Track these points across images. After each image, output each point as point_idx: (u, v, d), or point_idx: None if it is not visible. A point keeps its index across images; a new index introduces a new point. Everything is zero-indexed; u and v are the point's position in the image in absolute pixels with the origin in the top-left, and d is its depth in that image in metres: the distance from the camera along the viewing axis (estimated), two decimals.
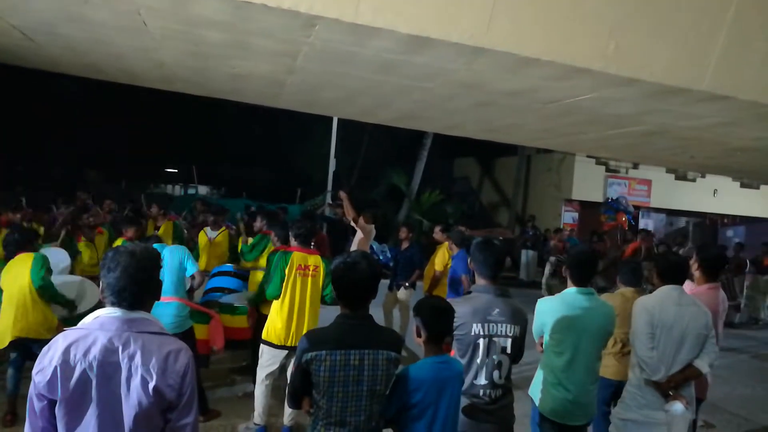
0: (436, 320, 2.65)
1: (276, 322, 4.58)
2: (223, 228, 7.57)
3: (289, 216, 10.92)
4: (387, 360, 2.45)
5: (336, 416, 2.40)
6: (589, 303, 3.38)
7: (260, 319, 4.95)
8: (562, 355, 3.34)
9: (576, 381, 3.32)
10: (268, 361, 4.65)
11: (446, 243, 7.44)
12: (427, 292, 7.19)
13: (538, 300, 3.61)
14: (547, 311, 3.42)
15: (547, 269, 12.13)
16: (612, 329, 3.49)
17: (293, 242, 4.75)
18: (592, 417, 3.48)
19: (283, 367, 4.70)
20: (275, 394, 4.87)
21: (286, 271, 4.55)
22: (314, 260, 4.67)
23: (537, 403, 3.46)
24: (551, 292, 11.94)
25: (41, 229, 7.32)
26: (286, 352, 4.60)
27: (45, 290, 4.60)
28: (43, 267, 4.61)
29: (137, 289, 1.92)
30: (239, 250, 6.92)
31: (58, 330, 4.51)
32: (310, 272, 4.61)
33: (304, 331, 4.48)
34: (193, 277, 4.91)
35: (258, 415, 4.66)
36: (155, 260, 2.03)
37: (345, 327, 2.47)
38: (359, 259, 2.50)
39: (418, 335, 2.66)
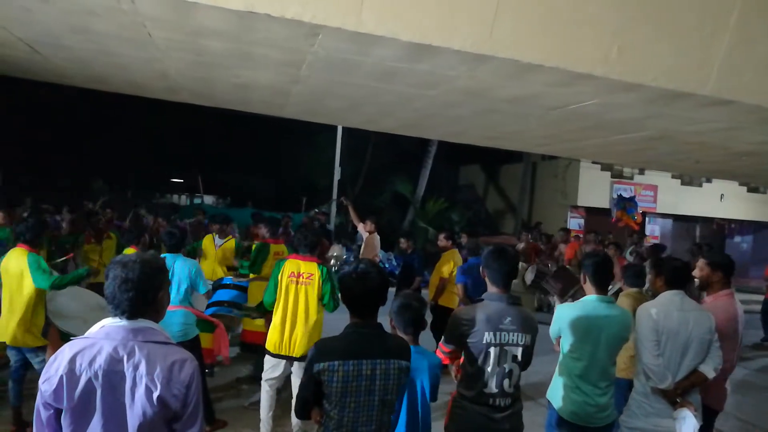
0: (401, 316, 3.01)
1: (272, 330, 4.59)
2: (230, 236, 7.58)
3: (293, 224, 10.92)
4: (398, 369, 2.45)
5: (347, 426, 2.40)
6: (608, 311, 3.40)
7: None
8: (579, 361, 3.37)
9: (592, 384, 3.36)
10: (268, 368, 4.67)
11: (452, 250, 7.42)
12: (433, 300, 7.16)
13: (557, 306, 3.63)
14: (566, 318, 3.43)
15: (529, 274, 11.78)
16: (627, 336, 3.50)
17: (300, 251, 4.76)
18: (614, 418, 3.49)
19: (288, 377, 4.70)
20: (282, 404, 4.87)
21: (279, 278, 4.53)
22: (308, 267, 4.57)
23: (556, 406, 3.47)
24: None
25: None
26: (284, 361, 4.59)
27: (55, 286, 4.47)
28: (40, 269, 4.43)
29: (128, 298, 1.90)
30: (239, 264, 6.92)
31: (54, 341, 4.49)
32: (303, 280, 4.53)
33: (298, 340, 4.49)
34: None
35: (263, 423, 4.66)
36: (150, 271, 1.98)
37: (356, 336, 2.46)
38: (369, 269, 2.51)
39: (393, 326, 3.03)
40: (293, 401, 3.49)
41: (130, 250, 5.75)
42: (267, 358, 4.67)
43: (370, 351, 2.42)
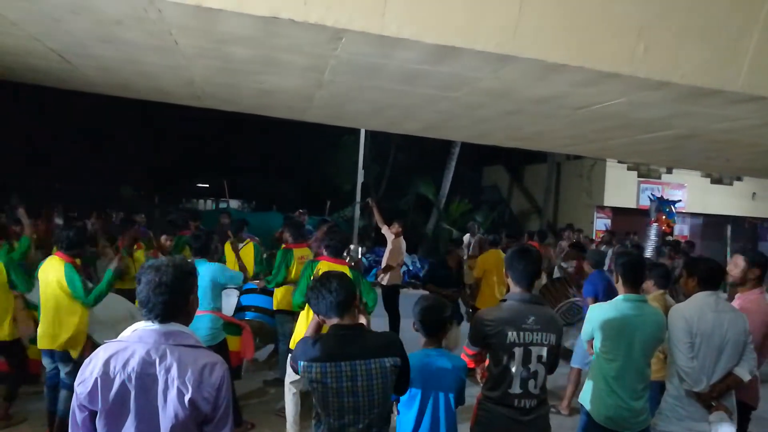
0: (425, 315, 3.00)
1: (301, 331, 4.57)
2: (248, 241, 7.57)
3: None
4: (380, 368, 2.44)
5: (334, 426, 2.41)
6: (639, 310, 3.37)
7: None
8: (613, 362, 3.33)
9: (628, 387, 3.31)
10: (291, 370, 4.63)
11: (488, 251, 7.37)
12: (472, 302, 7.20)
13: (590, 306, 3.61)
14: (598, 318, 3.40)
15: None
16: (662, 336, 3.45)
17: (324, 252, 4.76)
18: (648, 423, 3.43)
19: None
20: (309, 405, 4.87)
21: (313, 279, 4.51)
22: (340, 270, 4.57)
23: (589, 410, 3.42)
24: None
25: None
26: None
27: (95, 299, 4.48)
28: (75, 281, 4.43)
29: (162, 301, 1.94)
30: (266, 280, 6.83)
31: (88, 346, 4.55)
32: None
33: None
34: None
35: (290, 425, 4.66)
36: (182, 275, 2.02)
37: (334, 340, 2.46)
38: (327, 275, 2.62)
39: (416, 329, 3.04)
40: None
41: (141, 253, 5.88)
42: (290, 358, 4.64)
43: (350, 352, 2.41)
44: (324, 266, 4.60)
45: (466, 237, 11.99)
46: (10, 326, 4.87)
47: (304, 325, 4.55)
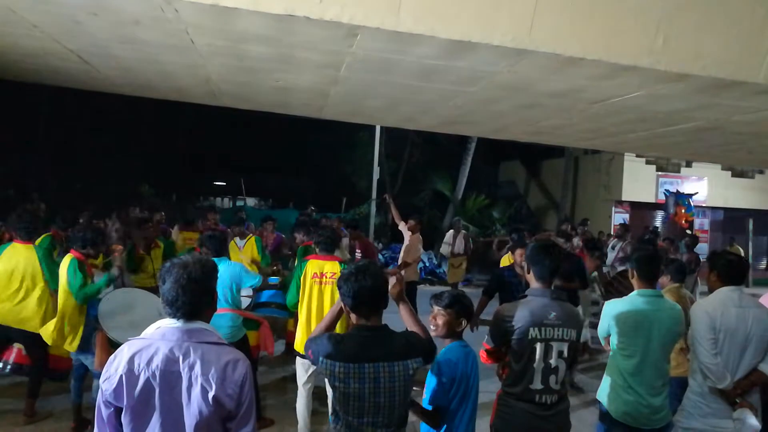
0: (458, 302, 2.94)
1: (299, 331, 4.58)
2: (250, 236, 7.63)
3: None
4: (404, 369, 2.41)
5: (353, 424, 2.39)
6: (656, 305, 3.34)
7: None
8: (630, 358, 3.30)
9: (646, 383, 3.28)
10: (300, 371, 4.67)
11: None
12: None
13: (606, 302, 3.59)
14: (614, 313, 3.37)
15: None
16: (680, 330, 3.41)
17: (315, 250, 4.75)
18: (668, 420, 3.39)
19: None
20: (323, 402, 4.90)
21: (302, 280, 4.54)
22: (331, 267, 4.55)
23: (607, 406, 3.40)
24: None
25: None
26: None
27: (83, 298, 4.54)
28: (77, 274, 4.50)
29: (190, 299, 1.96)
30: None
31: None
32: (327, 279, 4.51)
33: None
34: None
35: (301, 428, 4.67)
36: (209, 271, 2.05)
37: (357, 340, 2.43)
38: (366, 267, 2.49)
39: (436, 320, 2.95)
40: (329, 401, 3.49)
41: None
42: (297, 360, 4.66)
43: (373, 354, 2.37)
44: (312, 266, 4.57)
45: (449, 233, 11.44)
46: (41, 320, 4.89)
47: (303, 324, 4.54)
